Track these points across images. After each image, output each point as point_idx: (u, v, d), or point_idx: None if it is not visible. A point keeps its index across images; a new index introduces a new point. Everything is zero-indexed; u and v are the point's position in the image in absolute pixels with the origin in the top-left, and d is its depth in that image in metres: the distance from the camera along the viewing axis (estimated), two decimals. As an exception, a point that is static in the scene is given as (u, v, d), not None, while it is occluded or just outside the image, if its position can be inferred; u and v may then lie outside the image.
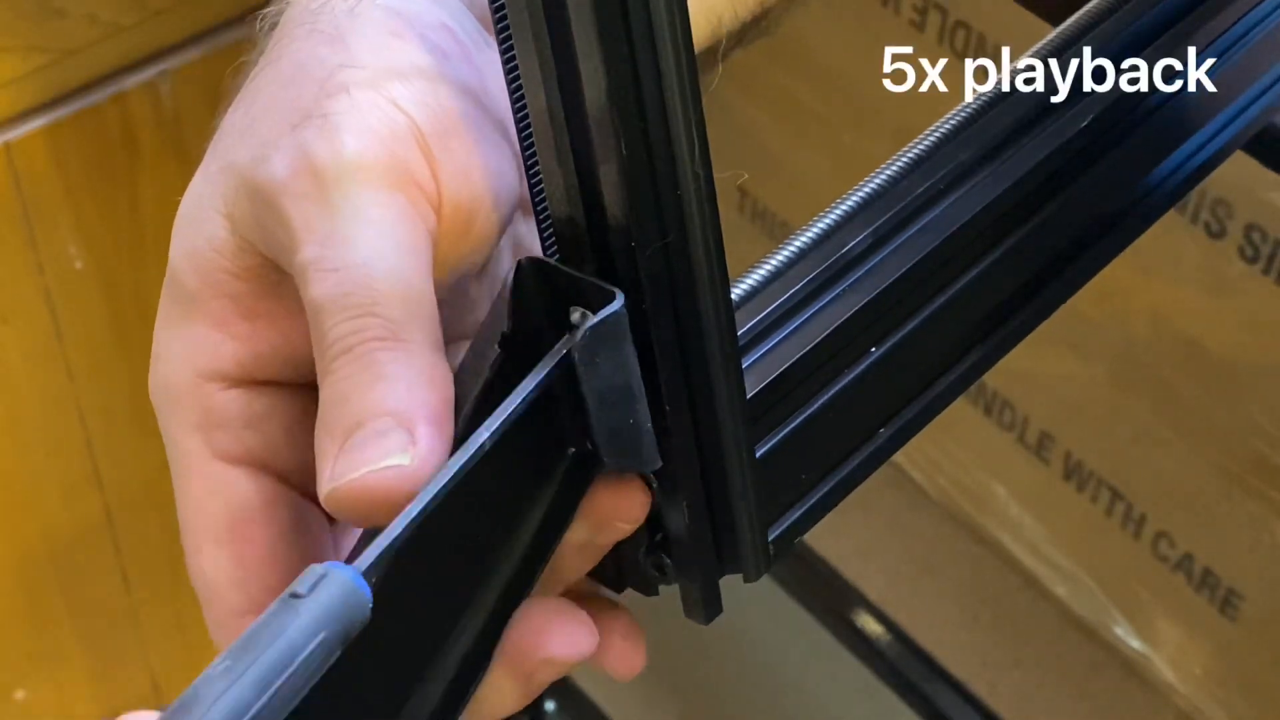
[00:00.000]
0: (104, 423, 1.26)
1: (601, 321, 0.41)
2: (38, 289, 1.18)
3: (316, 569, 0.37)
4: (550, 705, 1.53)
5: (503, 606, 0.44)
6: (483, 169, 0.45)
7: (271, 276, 0.45)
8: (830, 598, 1.31)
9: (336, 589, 0.37)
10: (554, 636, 0.45)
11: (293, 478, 0.46)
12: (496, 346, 0.42)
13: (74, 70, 1.13)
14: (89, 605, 1.32)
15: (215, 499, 0.46)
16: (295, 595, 0.36)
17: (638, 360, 0.42)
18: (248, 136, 0.45)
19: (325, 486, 0.41)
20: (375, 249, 0.42)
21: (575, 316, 0.42)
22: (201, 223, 0.45)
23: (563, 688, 1.47)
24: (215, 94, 1.24)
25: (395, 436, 0.41)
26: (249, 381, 0.46)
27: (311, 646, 0.36)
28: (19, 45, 1.10)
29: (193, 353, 0.46)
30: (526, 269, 0.43)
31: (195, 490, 0.46)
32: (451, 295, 0.46)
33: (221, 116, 0.47)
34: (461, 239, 0.45)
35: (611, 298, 0.41)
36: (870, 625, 1.29)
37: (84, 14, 1.12)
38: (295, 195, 0.43)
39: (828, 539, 1.32)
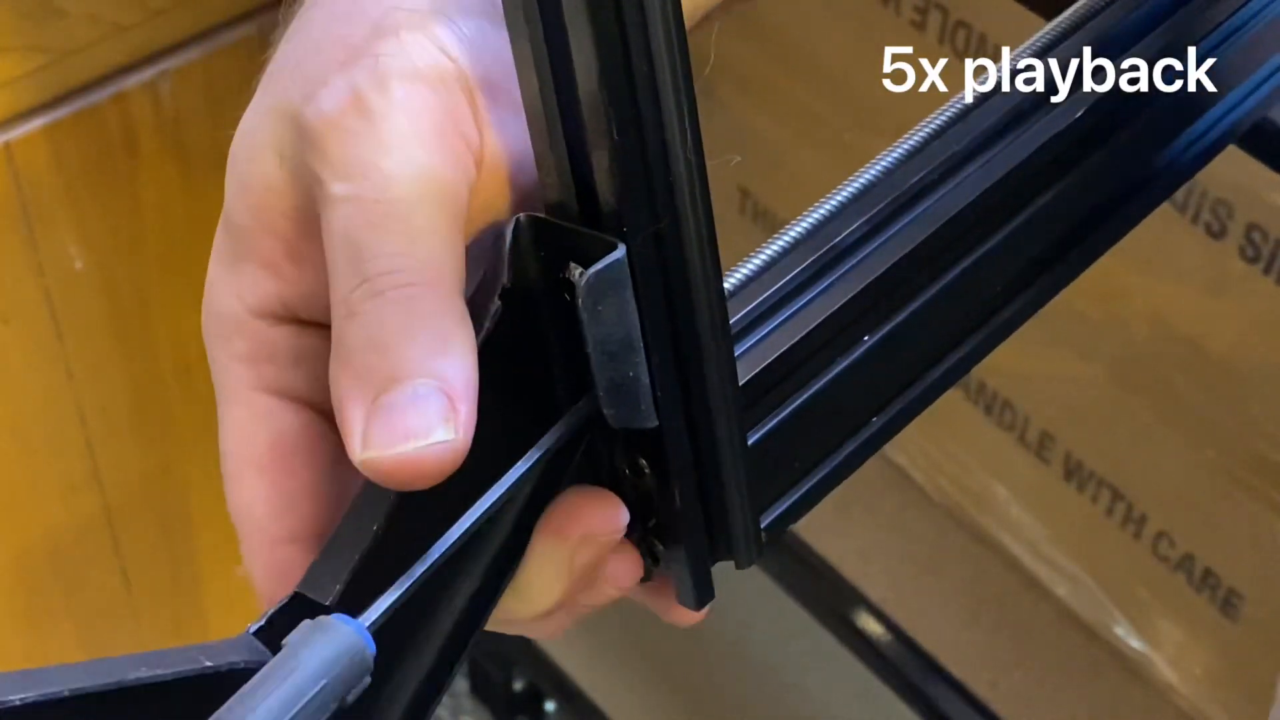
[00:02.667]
0: (104, 423, 1.26)
1: (605, 268, 0.41)
2: (38, 289, 1.18)
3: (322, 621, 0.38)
4: (550, 705, 1.53)
5: (494, 578, 0.44)
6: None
7: (315, 218, 0.45)
8: (831, 598, 1.31)
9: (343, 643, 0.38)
10: (589, 512, 0.45)
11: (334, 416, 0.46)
12: (496, 299, 0.42)
13: (74, 70, 1.13)
14: (89, 605, 1.33)
15: (259, 428, 0.46)
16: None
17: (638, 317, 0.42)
18: (298, 73, 0.45)
19: (361, 452, 0.41)
20: (414, 190, 0.42)
21: (574, 274, 0.42)
22: (253, 160, 0.45)
23: (563, 688, 1.47)
24: (215, 94, 1.24)
25: (435, 402, 0.41)
26: (294, 320, 0.46)
27: (312, 693, 0.37)
28: (19, 45, 1.10)
29: (242, 289, 0.46)
30: (524, 225, 0.43)
31: (239, 418, 0.46)
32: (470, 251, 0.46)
33: (274, 47, 0.47)
34: (500, 191, 0.45)
35: (613, 247, 0.41)
36: (871, 625, 1.29)
37: (84, 14, 1.12)
38: (340, 130, 0.43)
39: (828, 539, 1.32)
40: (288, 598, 0.41)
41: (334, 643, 0.38)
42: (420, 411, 0.40)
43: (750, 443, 0.46)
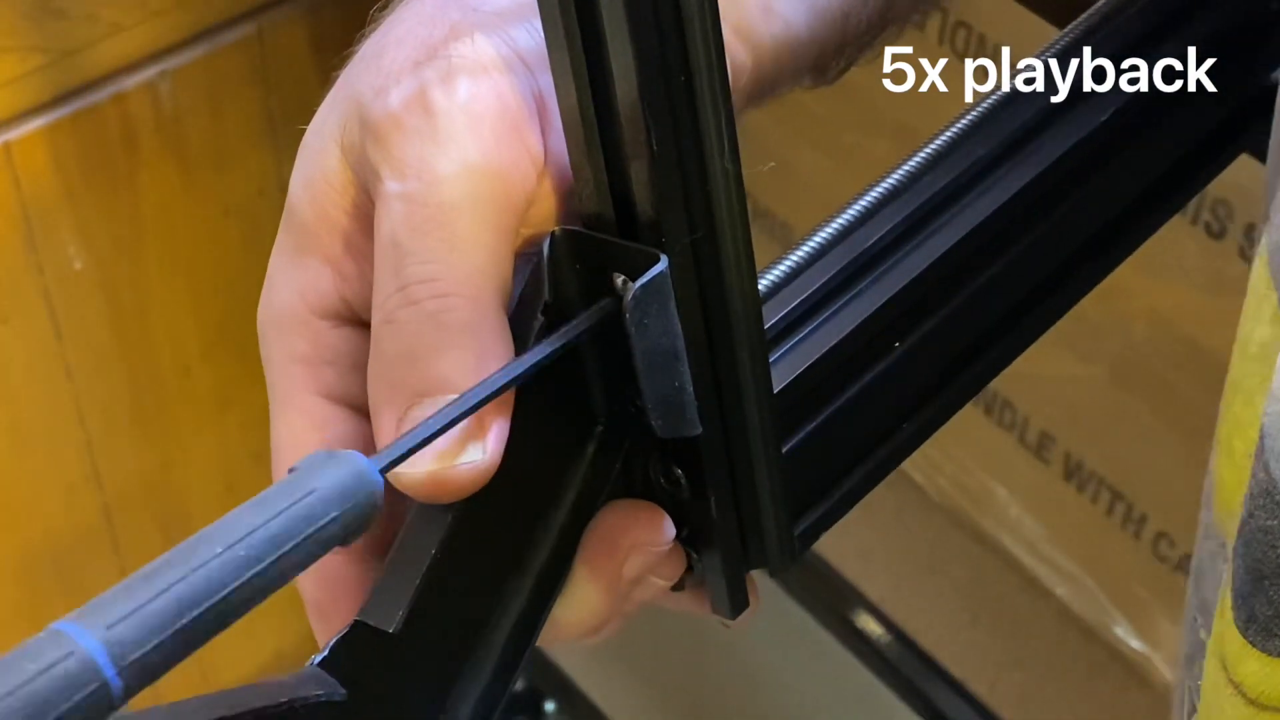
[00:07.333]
0: (103, 423, 1.26)
1: (650, 281, 0.41)
2: (37, 289, 1.18)
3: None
4: (550, 705, 1.53)
5: (544, 593, 0.44)
6: None
7: (373, 215, 0.44)
8: (831, 598, 1.31)
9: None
10: (636, 524, 0.45)
11: None
12: (540, 315, 0.42)
13: (74, 70, 1.13)
14: (89, 605, 1.32)
15: (314, 434, 0.45)
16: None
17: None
18: (374, 65, 0.44)
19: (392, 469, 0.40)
20: (463, 193, 0.42)
21: (618, 282, 0.41)
22: (319, 151, 0.45)
23: (563, 688, 1.47)
24: (215, 94, 1.24)
25: (464, 421, 0.40)
26: (357, 321, 0.45)
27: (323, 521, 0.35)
28: (19, 45, 1.10)
29: (304, 286, 0.45)
30: (561, 239, 0.42)
31: (295, 423, 0.45)
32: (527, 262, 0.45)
33: (359, 44, 0.46)
34: (567, 198, 0.44)
35: (655, 259, 0.41)
36: (870, 625, 1.29)
37: (84, 14, 1.12)
38: (402, 129, 0.42)
39: (828, 539, 1.31)
40: (348, 627, 0.40)
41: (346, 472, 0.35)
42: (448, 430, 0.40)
43: (784, 450, 0.46)
